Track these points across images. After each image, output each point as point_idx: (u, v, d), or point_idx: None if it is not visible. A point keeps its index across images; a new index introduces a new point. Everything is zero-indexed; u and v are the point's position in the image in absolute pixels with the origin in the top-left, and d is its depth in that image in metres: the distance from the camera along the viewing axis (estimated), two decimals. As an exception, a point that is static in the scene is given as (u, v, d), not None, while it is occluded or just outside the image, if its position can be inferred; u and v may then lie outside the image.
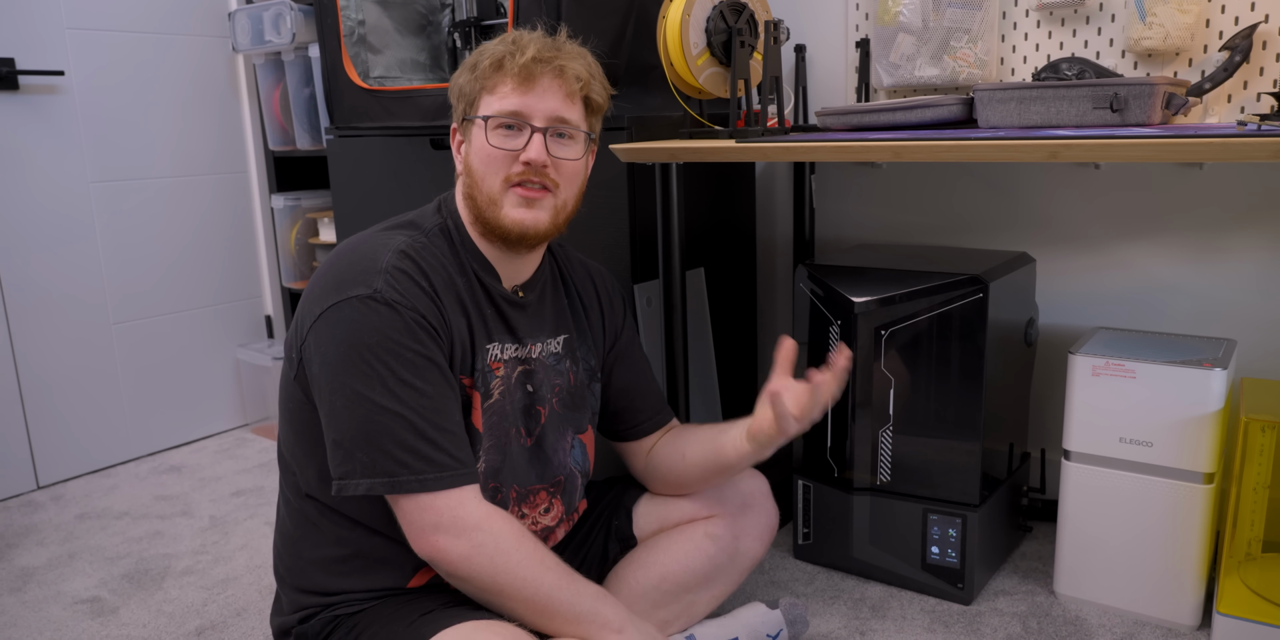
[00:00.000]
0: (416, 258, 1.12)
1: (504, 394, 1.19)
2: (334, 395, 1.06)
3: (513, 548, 1.05)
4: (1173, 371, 1.44)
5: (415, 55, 2.10)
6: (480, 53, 1.16)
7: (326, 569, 1.17)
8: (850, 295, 1.60)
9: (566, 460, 1.29)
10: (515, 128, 1.14)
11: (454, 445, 1.07)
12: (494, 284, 1.19)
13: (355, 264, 1.09)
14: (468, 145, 1.17)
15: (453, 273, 1.15)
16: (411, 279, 1.09)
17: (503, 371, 1.19)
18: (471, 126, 1.16)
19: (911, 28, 1.81)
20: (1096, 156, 1.18)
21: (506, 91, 1.13)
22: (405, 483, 1.04)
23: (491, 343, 1.18)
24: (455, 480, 1.05)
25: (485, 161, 1.14)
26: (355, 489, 1.05)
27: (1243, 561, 1.54)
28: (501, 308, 1.20)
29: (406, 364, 1.05)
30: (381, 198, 2.05)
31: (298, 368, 1.12)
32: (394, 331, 1.05)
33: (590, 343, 1.33)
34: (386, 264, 1.09)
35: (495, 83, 1.14)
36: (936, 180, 1.98)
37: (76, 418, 2.36)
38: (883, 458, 1.64)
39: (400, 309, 1.06)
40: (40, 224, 2.25)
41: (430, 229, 1.17)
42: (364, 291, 1.06)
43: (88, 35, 2.30)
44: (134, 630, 1.62)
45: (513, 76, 1.13)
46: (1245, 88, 1.60)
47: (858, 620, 1.58)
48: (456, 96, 1.18)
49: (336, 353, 1.06)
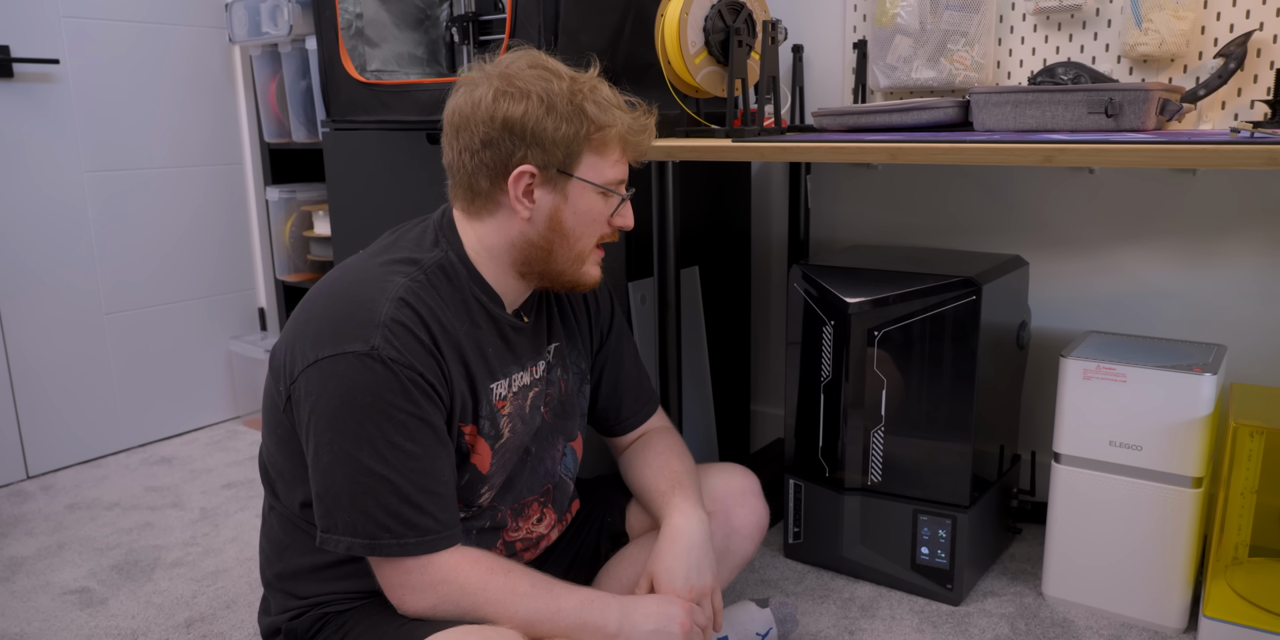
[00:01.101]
0: (416, 306, 1.07)
1: (514, 430, 1.18)
2: (320, 449, 1.04)
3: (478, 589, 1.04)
4: (1163, 376, 1.44)
5: (413, 49, 2.10)
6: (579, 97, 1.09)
7: (318, 575, 1.15)
8: (844, 296, 1.60)
9: (556, 468, 1.29)
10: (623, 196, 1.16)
11: (438, 508, 1.05)
12: (500, 313, 1.17)
13: (353, 313, 1.05)
14: (559, 200, 1.12)
15: (453, 316, 1.11)
16: (411, 333, 1.05)
17: (510, 408, 1.18)
18: (569, 182, 1.11)
19: (909, 30, 1.82)
20: (1091, 161, 1.19)
21: (616, 159, 1.13)
22: (385, 546, 1.03)
23: (496, 382, 1.16)
24: (436, 544, 1.04)
25: (589, 224, 1.14)
26: (336, 545, 1.04)
27: (1229, 565, 1.55)
28: (507, 336, 1.18)
29: (398, 426, 1.03)
30: (377, 192, 2.04)
31: (286, 403, 1.08)
32: (388, 392, 1.02)
33: (580, 346, 1.32)
34: (385, 317, 1.04)
35: (608, 148, 1.12)
36: (931, 182, 1.98)
37: (67, 408, 2.35)
38: (874, 458, 1.64)
39: (396, 368, 1.03)
40: (33, 213, 2.24)
41: (430, 266, 1.12)
42: (361, 347, 1.02)
43: (83, 24, 2.29)
44: (123, 621, 1.62)
45: (626, 147, 1.14)
46: (1239, 94, 1.61)
47: (847, 619, 1.58)
48: (549, 143, 1.09)
49: (327, 407, 1.03)
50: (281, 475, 1.16)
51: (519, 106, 1.07)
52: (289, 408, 1.08)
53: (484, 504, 1.18)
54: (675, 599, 1.12)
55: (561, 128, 1.08)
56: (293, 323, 1.10)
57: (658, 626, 1.08)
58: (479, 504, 1.17)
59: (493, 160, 1.09)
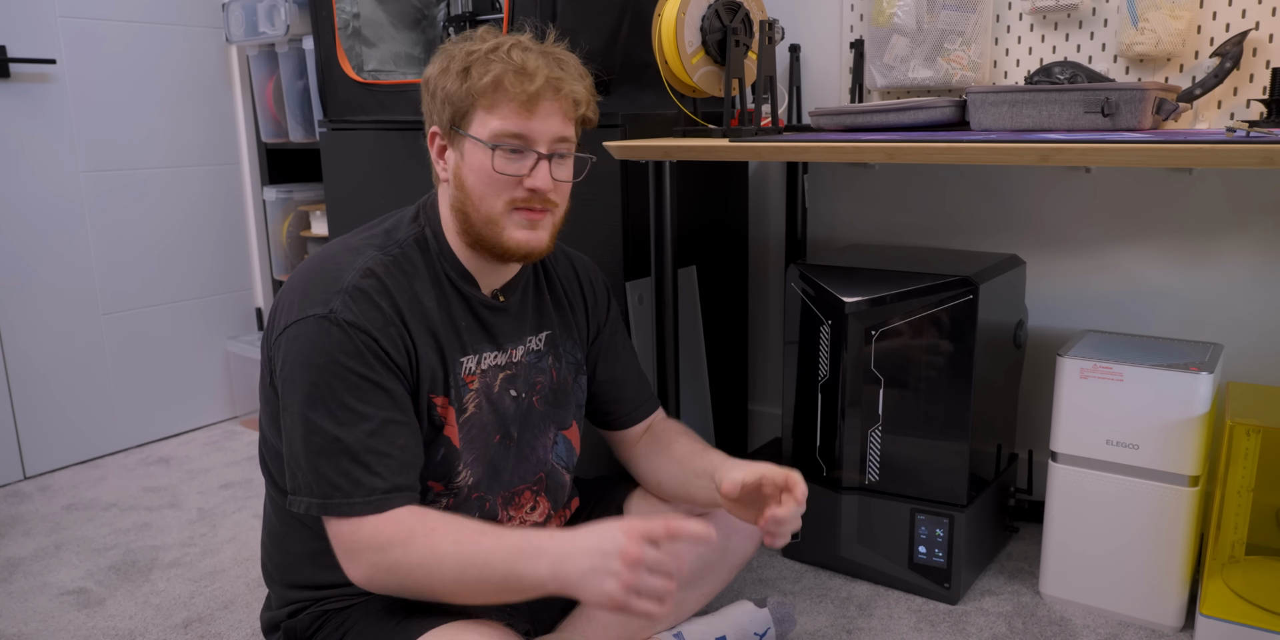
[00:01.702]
0: (382, 275, 1.10)
1: (479, 406, 1.18)
2: (286, 413, 1.07)
3: (400, 556, 1.01)
4: (1160, 375, 1.45)
5: (409, 49, 2.10)
6: (471, 58, 1.10)
7: (315, 562, 1.17)
8: (841, 295, 1.61)
9: (548, 457, 1.29)
10: (518, 151, 1.11)
11: (389, 470, 1.05)
12: (472, 292, 1.18)
13: (320, 281, 1.08)
14: (459, 158, 1.14)
15: (420, 290, 1.13)
16: (371, 300, 1.07)
17: (478, 384, 1.18)
18: (464, 141, 1.12)
19: (906, 29, 1.82)
20: (1087, 160, 1.19)
21: (508, 113, 1.10)
22: (336, 505, 1.03)
23: (466, 356, 1.17)
24: (383, 504, 1.04)
25: (486, 182, 1.11)
26: (297, 506, 1.05)
27: (1226, 564, 1.55)
28: (481, 315, 1.19)
29: (350, 387, 1.04)
30: (374, 191, 2.04)
31: (271, 374, 1.12)
32: (342, 354, 1.04)
33: (575, 336, 1.33)
34: (348, 284, 1.07)
35: (495, 102, 1.10)
36: (928, 181, 1.98)
37: (64, 408, 2.35)
38: (871, 457, 1.64)
39: (351, 331, 1.05)
40: (30, 213, 2.24)
41: (405, 240, 1.15)
42: (321, 310, 1.05)
43: (80, 24, 2.29)
44: (120, 622, 1.62)
45: (516, 100, 1.09)
46: (1235, 94, 1.61)
47: (845, 619, 1.58)
48: (440, 101, 1.13)
49: (290, 370, 1.06)
50: (275, 457, 1.16)
51: (431, 69, 1.14)
52: (273, 379, 1.11)
53: (463, 484, 1.18)
54: (617, 530, 0.93)
55: (448, 84, 1.12)
56: (277, 298, 1.13)
57: (594, 565, 0.92)
58: (458, 484, 1.17)
59: (426, 125, 1.18)
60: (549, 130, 1.12)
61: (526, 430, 1.25)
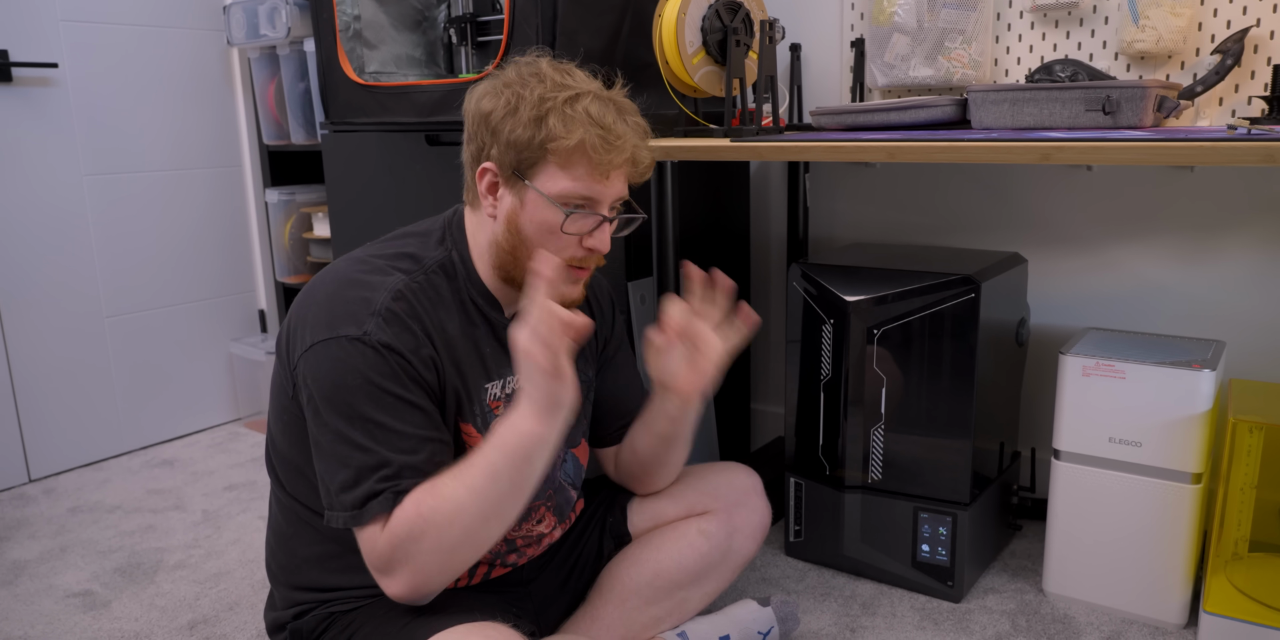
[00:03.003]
0: (412, 300, 1.10)
1: None
2: (319, 430, 1.07)
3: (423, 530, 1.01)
4: (1162, 372, 1.45)
5: (411, 51, 2.10)
6: (544, 106, 1.08)
7: (321, 565, 1.17)
8: (843, 294, 1.61)
9: (556, 475, 1.29)
10: (582, 208, 1.11)
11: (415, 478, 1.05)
12: (498, 317, 1.18)
13: (351, 301, 1.08)
14: (516, 204, 1.12)
15: (445, 318, 1.13)
16: (403, 323, 1.08)
17: (502, 409, 1.18)
18: (527, 190, 1.11)
19: (906, 28, 1.82)
20: (1088, 159, 1.19)
21: (582, 175, 1.09)
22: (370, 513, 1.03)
23: (491, 382, 1.17)
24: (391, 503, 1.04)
25: (545, 235, 1.11)
26: (335, 521, 1.05)
27: (1229, 561, 1.55)
28: (504, 340, 1.19)
29: (386, 407, 1.05)
30: (376, 193, 2.05)
31: (294, 388, 1.11)
32: (377, 375, 1.05)
33: (587, 354, 1.33)
34: (380, 306, 1.07)
35: (572, 163, 1.09)
36: (930, 180, 1.98)
37: (69, 411, 2.35)
38: (874, 456, 1.64)
39: (386, 353, 1.05)
40: (33, 217, 2.25)
41: (431, 266, 1.15)
42: (354, 332, 1.05)
43: (82, 27, 2.30)
44: (126, 624, 1.62)
45: (592, 163, 1.09)
46: (1236, 91, 1.61)
47: (848, 617, 1.59)
48: (505, 143, 1.10)
49: (321, 390, 1.06)
50: (286, 463, 1.17)
51: (491, 104, 1.11)
52: (296, 393, 1.11)
53: None
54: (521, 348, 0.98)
55: (518, 130, 1.09)
56: (295, 308, 1.12)
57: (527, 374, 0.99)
58: None
59: (472, 154, 1.15)
60: (614, 193, 1.13)
61: None
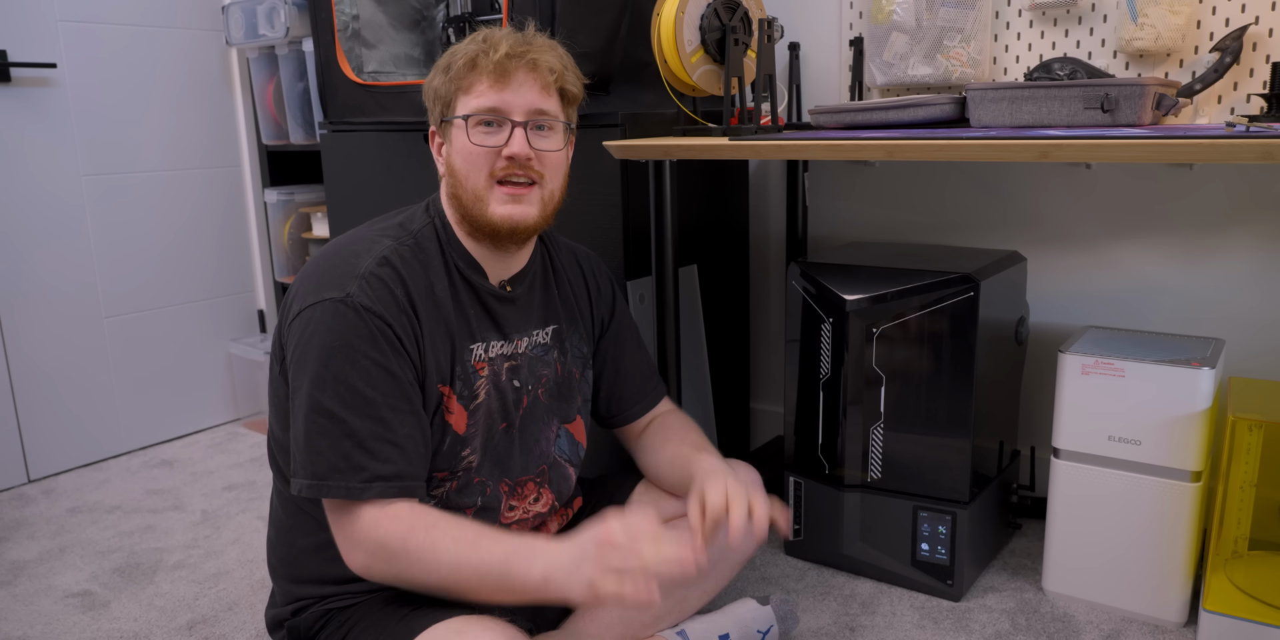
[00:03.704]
0: (398, 265, 1.12)
1: (489, 393, 1.20)
2: (295, 396, 1.08)
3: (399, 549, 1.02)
4: (1161, 370, 1.45)
5: (409, 50, 2.10)
6: (452, 54, 1.16)
7: (319, 555, 1.17)
8: (842, 293, 1.61)
9: (550, 449, 1.29)
10: (495, 124, 1.14)
11: (392, 458, 1.06)
12: (480, 281, 1.20)
13: (336, 267, 1.11)
14: (448, 146, 1.18)
15: (434, 277, 1.15)
16: (387, 287, 1.10)
17: (487, 371, 1.20)
18: (450, 127, 1.16)
19: (905, 26, 1.82)
20: (1087, 157, 1.19)
21: (483, 89, 1.13)
22: (332, 487, 1.04)
23: (475, 343, 1.19)
24: (384, 492, 1.05)
25: (468, 160, 1.14)
26: (297, 488, 1.06)
27: (1229, 559, 1.55)
28: (488, 304, 1.20)
29: (361, 371, 1.06)
30: (375, 192, 2.05)
31: (283, 360, 1.13)
32: (355, 337, 1.06)
33: (582, 330, 1.33)
34: (364, 270, 1.10)
35: (470, 82, 1.14)
36: (928, 179, 1.98)
37: (68, 411, 2.35)
38: (873, 455, 1.64)
39: (366, 315, 1.07)
40: (32, 217, 2.25)
41: (418, 230, 1.18)
42: (337, 294, 1.08)
43: (80, 27, 2.29)
44: (125, 624, 1.62)
45: (488, 74, 1.13)
46: (1235, 89, 1.61)
47: (848, 616, 1.58)
48: (432, 99, 1.19)
49: (302, 352, 1.07)
50: (284, 452, 1.17)
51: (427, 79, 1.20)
52: (284, 369, 1.13)
53: (467, 467, 1.18)
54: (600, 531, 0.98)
55: (435, 81, 1.18)
56: (290, 288, 1.15)
57: (574, 557, 0.98)
58: (461, 467, 1.18)
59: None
60: (524, 102, 1.14)
61: (529, 422, 1.26)
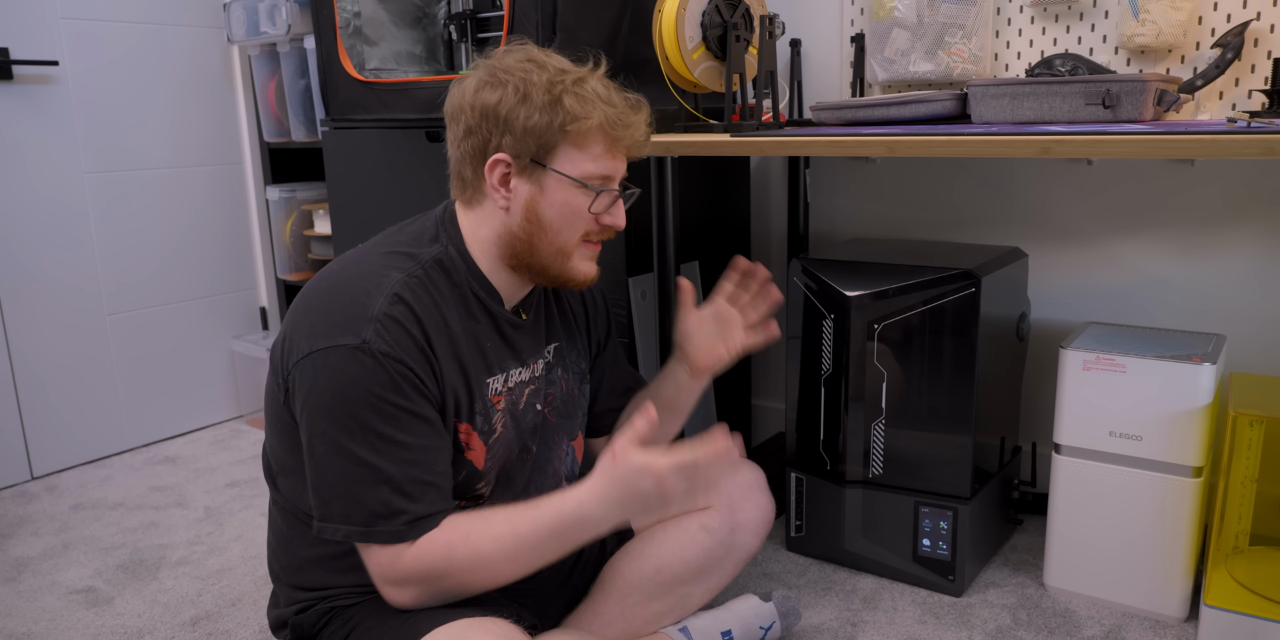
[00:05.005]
0: (411, 302, 1.08)
1: (505, 425, 1.19)
2: (314, 440, 1.05)
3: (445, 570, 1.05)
4: (1163, 366, 1.45)
5: (411, 47, 2.10)
6: (556, 90, 1.09)
7: (322, 565, 1.17)
8: (843, 289, 1.61)
9: (561, 470, 1.29)
10: (603, 188, 1.13)
11: (430, 497, 1.06)
12: (499, 309, 1.17)
13: (348, 307, 1.06)
14: (535, 191, 1.12)
15: (447, 312, 1.12)
16: (403, 328, 1.06)
17: (504, 403, 1.18)
18: (545, 174, 1.11)
19: (906, 23, 1.82)
20: (1088, 152, 1.19)
21: (599, 153, 1.11)
22: (379, 533, 1.04)
23: (493, 377, 1.17)
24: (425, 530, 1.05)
25: (568, 218, 1.12)
26: (334, 534, 1.05)
27: (1230, 554, 1.55)
28: (505, 332, 1.18)
29: (389, 418, 1.04)
30: (377, 190, 2.05)
31: (285, 395, 1.10)
32: (378, 386, 1.03)
33: (579, 346, 1.33)
34: (379, 311, 1.05)
35: (588, 141, 1.10)
36: (930, 175, 1.98)
37: (71, 408, 2.36)
38: (875, 451, 1.65)
39: (386, 362, 1.03)
40: (35, 214, 2.25)
41: (428, 261, 1.13)
42: (352, 341, 1.03)
43: (82, 25, 2.30)
44: (129, 620, 1.63)
45: (608, 140, 1.11)
46: (1237, 85, 1.61)
47: (849, 612, 1.59)
48: (520, 130, 1.09)
49: (319, 399, 1.04)
50: (284, 468, 1.17)
51: (495, 95, 1.10)
52: (288, 400, 1.10)
53: (479, 496, 1.18)
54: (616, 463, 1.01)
55: (534, 117, 1.09)
56: (290, 315, 1.11)
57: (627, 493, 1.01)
58: (473, 496, 1.18)
59: (474, 148, 1.12)
60: (623, 170, 1.16)
61: (544, 445, 1.26)
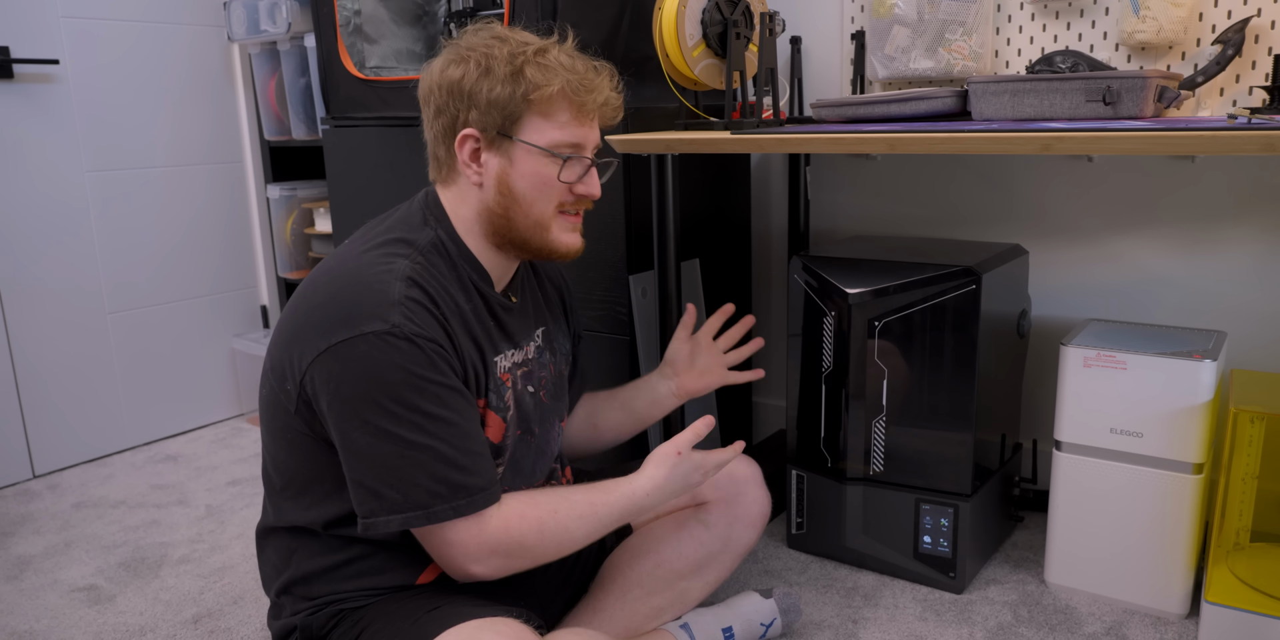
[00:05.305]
0: (425, 284, 1.08)
1: (518, 404, 1.20)
2: (353, 433, 1.03)
3: (536, 541, 1.08)
4: (1163, 363, 1.45)
5: (411, 45, 2.10)
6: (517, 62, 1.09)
7: (330, 575, 1.14)
8: (844, 286, 1.61)
9: (554, 449, 1.30)
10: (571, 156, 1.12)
11: (482, 468, 1.07)
12: (490, 292, 1.18)
13: (363, 296, 1.04)
14: (505, 164, 1.12)
15: (454, 293, 1.12)
16: (426, 309, 1.06)
17: (510, 381, 1.19)
18: (514, 146, 1.11)
19: (906, 20, 1.82)
20: (1089, 149, 1.19)
21: (565, 120, 1.11)
22: (440, 512, 1.03)
23: (498, 355, 1.17)
24: (485, 501, 1.06)
25: (540, 189, 1.12)
26: (387, 526, 1.03)
27: (1231, 551, 1.56)
28: (498, 315, 1.19)
29: (432, 397, 1.03)
30: (377, 188, 2.05)
31: (298, 402, 1.07)
32: (417, 366, 1.02)
33: (563, 328, 1.35)
34: (400, 295, 1.04)
35: (553, 109, 1.10)
36: (930, 172, 1.98)
37: (72, 407, 2.36)
38: (876, 448, 1.65)
39: (421, 342, 1.03)
40: (35, 213, 2.25)
41: (424, 246, 1.13)
42: (381, 327, 1.02)
43: (82, 24, 2.30)
44: (131, 618, 1.63)
45: (573, 107, 1.11)
46: (1237, 81, 1.61)
47: (850, 609, 1.59)
48: (485, 103, 1.10)
49: (353, 390, 1.02)
50: (295, 479, 1.14)
51: (459, 71, 1.11)
52: (301, 407, 1.07)
53: None
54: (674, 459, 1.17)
55: (496, 89, 1.09)
56: (289, 320, 1.08)
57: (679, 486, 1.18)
58: None
59: (444, 127, 1.14)
60: (595, 139, 1.15)
61: (543, 426, 1.26)
